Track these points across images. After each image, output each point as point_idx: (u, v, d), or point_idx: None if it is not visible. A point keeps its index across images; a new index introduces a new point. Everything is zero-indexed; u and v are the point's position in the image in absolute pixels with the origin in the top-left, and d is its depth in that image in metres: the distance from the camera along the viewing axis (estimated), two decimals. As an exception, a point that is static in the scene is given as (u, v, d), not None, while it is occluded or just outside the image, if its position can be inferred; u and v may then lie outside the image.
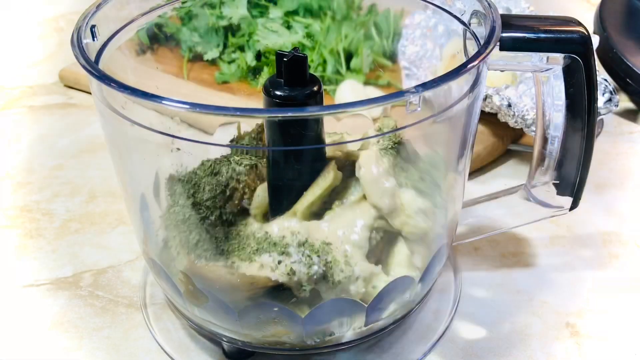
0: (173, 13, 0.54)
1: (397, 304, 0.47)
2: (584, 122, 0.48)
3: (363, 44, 0.72)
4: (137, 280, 0.56)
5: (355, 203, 0.46)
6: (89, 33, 0.45)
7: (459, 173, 0.48)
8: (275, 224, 0.45)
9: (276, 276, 0.43)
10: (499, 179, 0.67)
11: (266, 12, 0.75)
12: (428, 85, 0.38)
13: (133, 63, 0.53)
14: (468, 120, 0.45)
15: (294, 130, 0.44)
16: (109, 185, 0.67)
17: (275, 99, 0.44)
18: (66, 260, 0.59)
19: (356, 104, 0.37)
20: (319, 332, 0.46)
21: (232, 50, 0.74)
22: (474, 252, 0.58)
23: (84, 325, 0.53)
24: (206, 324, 0.48)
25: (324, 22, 0.74)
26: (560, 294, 0.55)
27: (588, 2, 0.99)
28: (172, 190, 0.49)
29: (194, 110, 0.37)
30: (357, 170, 0.46)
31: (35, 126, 0.77)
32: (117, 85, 0.39)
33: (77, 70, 0.81)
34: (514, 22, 0.45)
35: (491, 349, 0.50)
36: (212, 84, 0.72)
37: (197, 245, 0.46)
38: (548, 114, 0.49)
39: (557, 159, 0.50)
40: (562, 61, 0.46)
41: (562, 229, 0.61)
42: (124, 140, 0.46)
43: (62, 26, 0.97)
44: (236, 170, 0.47)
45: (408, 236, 0.47)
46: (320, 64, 0.72)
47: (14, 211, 0.64)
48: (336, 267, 0.44)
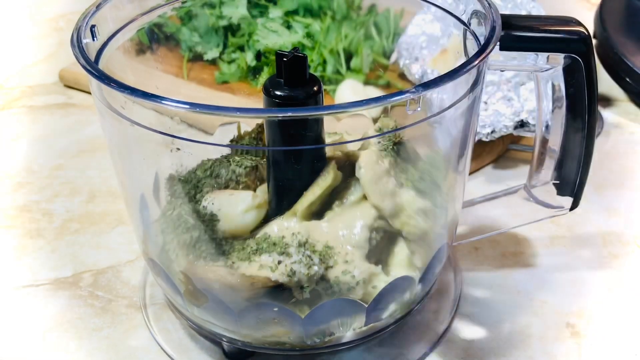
0: (173, 13, 0.54)
1: (397, 304, 0.47)
2: (584, 122, 0.48)
3: (363, 44, 0.72)
4: (137, 280, 0.56)
5: (356, 203, 0.46)
6: (88, 33, 0.45)
7: (459, 173, 0.48)
8: (275, 224, 0.45)
9: (276, 276, 0.43)
10: (499, 179, 0.67)
11: (266, 12, 0.75)
12: (428, 85, 0.38)
13: (133, 63, 0.53)
14: (468, 120, 0.45)
15: (294, 130, 0.44)
16: (108, 185, 0.67)
17: (275, 99, 0.44)
18: (66, 260, 0.59)
19: (356, 104, 0.37)
20: (319, 332, 0.46)
21: (232, 50, 0.74)
22: (474, 252, 0.58)
23: (83, 326, 0.53)
24: (206, 324, 0.48)
25: (324, 22, 0.74)
26: (560, 294, 0.55)
27: (588, 2, 0.99)
28: (171, 190, 0.49)
29: (194, 110, 0.37)
30: (357, 171, 0.46)
31: (35, 126, 0.77)
32: (117, 85, 0.39)
33: (77, 70, 0.81)
34: (514, 22, 0.45)
35: (491, 349, 0.50)
36: (212, 84, 0.72)
37: (196, 246, 0.46)
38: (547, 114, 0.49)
39: (557, 159, 0.50)
40: (562, 61, 0.46)
41: (562, 229, 0.61)
42: (123, 140, 0.46)
43: (61, 26, 0.97)
44: (236, 172, 0.48)
45: (408, 236, 0.47)
46: (320, 64, 0.72)
47: (14, 211, 0.64)
48: (336, 267, 0.44)
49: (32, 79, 0.85)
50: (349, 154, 0.48)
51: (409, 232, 0.47)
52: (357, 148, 0.48)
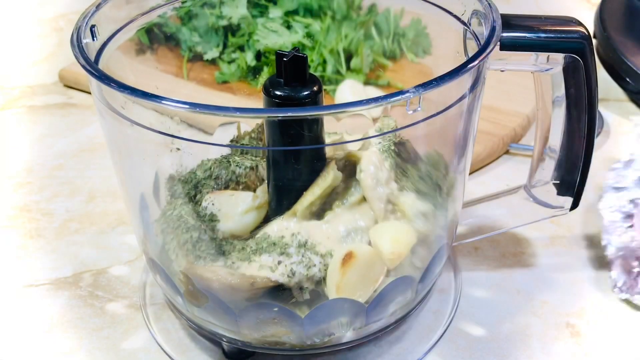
0: (173, 13, 0.54)
1: (397, 304, 0.47)
2: (584, 122, 0.48)
3: (363, 44, 0.72)
4: (137, 280, 0.56)
5: (356, 204, 0.46)
6: (88, 33, 0.45)
7: (459, 173, 0.48)
8: (275, 224, 0.45)
9: (276, 276, 0.43)
10: (499, 179, 0.67)
11: (266, 12, 0.75)
12: (428, 86, 0.38)
13: (133, 63, 0.53)
14: (468, 120, 0.45)
15: (294, 130, 0.44)
16: (108, 185, 0.67)
17: (275, 99, 0.44)
18: (66, 260, 0.59)
19: (356, 104, 0.37)
20: (319, 332, 0.46)
21: (232, 50, 0.74)
22: (474, 252, 0.58)
23: (83, 326, 0.53)
24: (206, 324, 0.48)
25: (324, 22, 0.74)
26: (560, 294, 0.55)
27: (588, 2, 0.99)
28: (171, 190, 0.49)
29: (194, 110, 0.37)
30: (357, 173, 0.46)
31: (35, 126, 0.77)
32: (117, 85, 0.39)
33: (77, 70, 0.81)
34: (514, 22, 0.45)
35: (491, 349, 0.50)
36: (212, 84, 0.72)
37: (196, 246, 0.46)
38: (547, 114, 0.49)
39: (557, 159, 0.50)
40: (562, 61, 0.46)
41: (562, 229, 0.61)
42: (123, 140, 0.46)
43: (61, 26, 0.97)
44: (236, 172, 0.48)
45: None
46: (320, 64, 0.72)
47: (14, 211, 0.64)
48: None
49: (32, 79, 0.85)
50: (349, 154, 0.48)
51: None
52: (357, 148, 0.48)
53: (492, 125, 0.69)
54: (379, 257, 0.45)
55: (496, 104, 0.72)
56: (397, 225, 0.46)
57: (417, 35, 0.69)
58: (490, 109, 0.71)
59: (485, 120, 0.69)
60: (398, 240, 0.45)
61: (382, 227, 0.46)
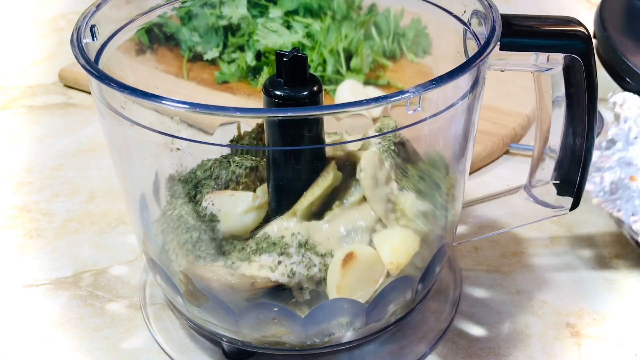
0: (173, 13, 0.54)
1: (397, 304, 0.47)
2: (584, 122, 0.48)
3: (363, 44, 0.72)
4: (137, 280, 0.56)
5: (356, 204, 0.46)
6: (88, 33, 0.45)
7: (459, 173, 0.48)
8: (275, 224, 0.45)
9: (276, 277, 0.43)
10: (499, 179, 0.67)
11: (266, 12, 0.75)
12: (428, 86, 0.38)
13: (133, 63, 0.53)
14: (468, 120, 0.45)
15: (294, 130, 0.44)
16: (108, 185, 0.67)
17: (275, 99, 0.44)
18: (66, 260, 0.59)
19: (356, 104, 0.37)
20: (319, 332, 0.46)
21: (232, 50, 0.74)
22: (474, 252, 0.58)
23: (83, 326, 0.53)
24: (206, 324, 0.48)
25: (324, 22, 0.74)
26: (560, 294, 0.55)
27: (588, 2, 0.99)
28: (171, 190, 0.49)
29: (194, 110, 0.37)
30: (357, 173, 0.46)
31: (35, 126, 0.77)
32: (117, 85, 0.39)
33: (77, 70, 0.81)
34: (514, 22, 0.45)
35: (491, 349, 0.50)
36: (212, 84, 0.72)
37: (196, 246, 0.46)
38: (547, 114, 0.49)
39: (557, 159, 0.50)
40: (562, 61, 0.46)
41: (562, 229, 0.61)
42: (123, 140, 0.46)
43: (61, 26, 0.97)
44: (236, 173, 0.48)
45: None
46: (320, 64, 0.72)
47: (14, 211, 0.64)
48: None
49: (32, 79, 0.85)
50: (349, 154, 0.48)
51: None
52: (357, 148, 0.48)
53: (492, 125, 0.70)
54: (379, 258, 0.45)
55: (496, 104, 0.72)
56: (401, 234, 0.46)
57: (417, 35, 0.69)
58: (490, 109, 0.71)
59: (485, 120, 0.69)
60: (399, 249, 0.45)
61: (385, 234, 0.46)
